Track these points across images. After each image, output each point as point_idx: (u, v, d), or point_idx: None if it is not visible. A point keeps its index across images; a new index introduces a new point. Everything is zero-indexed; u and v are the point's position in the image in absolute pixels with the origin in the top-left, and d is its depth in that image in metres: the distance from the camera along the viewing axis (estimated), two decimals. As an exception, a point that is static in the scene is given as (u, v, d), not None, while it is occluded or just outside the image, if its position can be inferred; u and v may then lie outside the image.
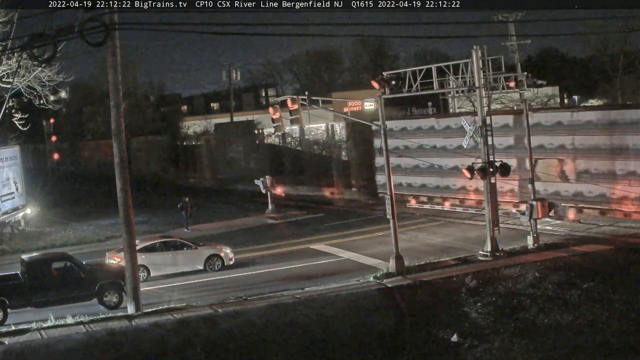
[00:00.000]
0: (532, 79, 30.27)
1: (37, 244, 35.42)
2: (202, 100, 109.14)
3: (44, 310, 22.44)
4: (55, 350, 19.41)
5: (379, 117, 26.59)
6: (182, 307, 22.62)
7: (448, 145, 36.19)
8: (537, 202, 27.71)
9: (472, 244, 29.20)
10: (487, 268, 25.27)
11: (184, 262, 28.18)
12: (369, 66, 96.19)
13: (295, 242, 33.32)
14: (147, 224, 39.97)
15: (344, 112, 47.23)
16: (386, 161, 26.47)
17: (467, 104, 56.52)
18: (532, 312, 21.68)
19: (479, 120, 27.12)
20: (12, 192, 39.74)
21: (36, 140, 79.57)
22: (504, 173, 27.01)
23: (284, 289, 24.63)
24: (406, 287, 23.97)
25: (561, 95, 73.13)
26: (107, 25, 19.97)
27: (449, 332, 20.88)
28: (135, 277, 22.46)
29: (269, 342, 20.31)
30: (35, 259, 24.69)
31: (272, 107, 28.82)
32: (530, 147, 29.42)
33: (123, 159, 22.27)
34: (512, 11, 65.45)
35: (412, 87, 28.77)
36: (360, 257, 29.07)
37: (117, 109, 22.23)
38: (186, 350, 19.72)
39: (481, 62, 27.41)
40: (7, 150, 40.52)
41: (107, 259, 27.73)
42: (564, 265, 24.90)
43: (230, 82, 77.20)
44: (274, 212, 41.34)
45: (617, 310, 21.39)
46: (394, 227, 25.88)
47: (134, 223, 22.64)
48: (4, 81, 33.28)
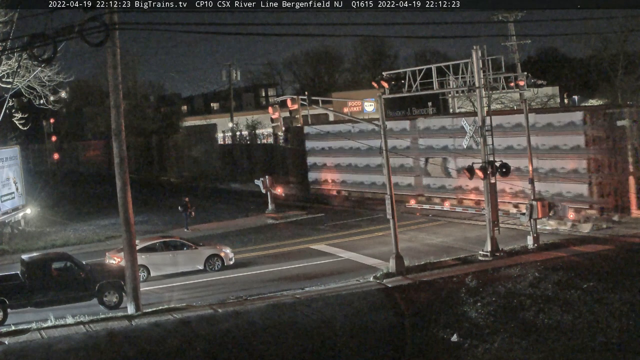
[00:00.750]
0: (532, 79, 30.29)
1: (37, 244, 35.41)
2: (202, 100, 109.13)
3: (44, 310, 22.44)
4: (55, 350, 19.41)
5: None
6: (182, 307, 22.63)
7: (362, 147, 39.98)
8: (537, 202, 27.72)
9: (472, 244, 29.21)
10: (487, 268, 25.28)
11: (184, 262, 28.18)
12: (369, 66, 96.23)
13: (295, 242, 33.33)
14: (147, 224, 39.99)
15: (344, 112, 47.26)
16: (386, 161, 26.45)
17: (467, 103, 56.54)
18: (532, 312, 21.68)
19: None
20: (12, 192, 39.74)
21: (36, 140, 79.50)
22: (503, 173, 27.06)
23: (284, 289, 24.63)
24: (406, 287, 23.97)
25: (561, 95, 73.11)
26: (107, 25, 19.96)
27: (449, 332, 20.89)
28: (135, 277, 22.46)
29: (269, 342, 20.31)
30: (35, 259, 24.67)
31: (271, 107, 28.81)
32: (530, 147, 29.43)
33: (123, 159, 22.27)
34: (512, 11, 65.53)
35: (412, 87, 28.78)
36: (360, 257, 29.07)
37: (117, 109, 22.23)
38: (186, 350, 19.73)
39: (481, 62, 27.40)
40: (7, 150, 40.51)
41: (107, 259, 27.72)
42: (564, 265, 24.90)
43: (230, 82, 77.19)
44: (274, 212, 41.37)
45: (617, 310, 21.40)
46: (393, 227, 25.88)
47: (133, 223, 22.64)
48: (4, 81, 33.28)
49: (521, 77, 32.21)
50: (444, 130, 38.51)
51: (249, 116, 75.74)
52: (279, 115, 27.94)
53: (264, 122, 62.00)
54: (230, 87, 78.21)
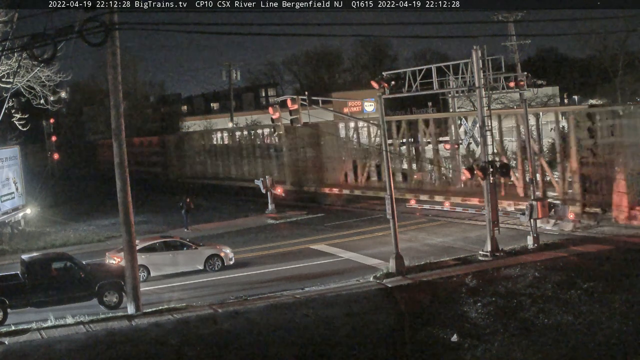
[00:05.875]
0: (532, 79, 30.26)
1: (37, 244, 35.41)
2: (202, 100, 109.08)
3: (44, 310, 22.42)
4: (55, 350, 19.41)
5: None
6: (182, 307, 22.61)
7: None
8: (537, 202, 27.72)
9: (472, 244, 29.22)
10: (487, 268, 25.28)
11: (184, 262, 28.17)
12: (369, 66, 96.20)
13: (295, 242, 33.33)
14: (147, 224, 39.99)
15: (344, 112, 47.27)
16: (386, 161, 26.46)
17: (467, 103, 56.56)
18: (532, 312, 21.68)
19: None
20: (12, 192, 39.74)
21: (36, 140, 79.52)
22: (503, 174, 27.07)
23: (284, 289, 24.62)
24: (406, 287, 23.97)
25: (561, 95, 73.13)
26: (107, 25, 19.97)
27: (449, 332, 20.89)
28: (135, 277, 22.45)
29: (269, 342, 20.31)
30: (35, 259, 24.67)
31: (271, 107, 28.80)
32: (530, 147, 29.44)
33: (123, 160, 22.24)
34: (512, 11, 65.48)
35: (412, 87, 28.76)
36: (360, 257, 29.07)
37: (117, 109, 22.22)
38: (186, 350, 19.72)
39: (481, 62, 27.39)
40: (7, 150, 40.51)
41: (107, 259, 27.72)
42: (564, 265, 24.90)
43: (230, 82, 77.16)
44: (274, 212, 41.36)
45: (617, 310, 21.40)
46: (393, 227, 25.87)
47: (133, 223, 22.63)
48: (4, 81, 33.25)
49: (521, 77, 32.19)
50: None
51: (249, 116, 75.74)
52: (280, 115, 27.94)
53: (264, 122, 61.98)
54: (230, 87, 78.18)
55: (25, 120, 37.72)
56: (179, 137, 67.22)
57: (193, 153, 61.91)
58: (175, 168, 64.95)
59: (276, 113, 27.98)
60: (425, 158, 39.46)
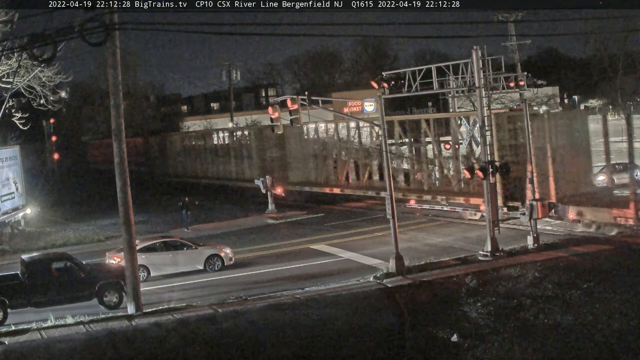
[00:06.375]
0: (532, 79, 30.30)
1: (37, 244, 35.42)
2: (202, 100, 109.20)
3: (44, 310, 22.43)
4: (55, 350, 19.40)
5: (380, 117, 26.55)
6: (182, 307, 22.62)
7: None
8: (538, 202, 27.72)
9: (472, 244, 29.22)
10: (487, 268, 25.27)
11: (184, 262, 28.17)
12: (369, 66, 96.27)
13: (295, 242, 33.33)
14: (147, 224, 40.00)
15: (344, 112, 47.29)
16: (386, 161, 26.45)
17: (467, 103, 56.55)
18: (532, 312, 21.67)
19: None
20: (12, 192, 39.74)
21: (36, 140, 79.50)
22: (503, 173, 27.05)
23: (284, 289, 24.63)
24: (406, 287, 23.97)
25: (561, 95, 73.20)
26: (107, 25, 19.96)
27: (449, 332, 20.88)
28: (135, 277, 22.45)
29: (269, 342, 20.30)
30: (35, 259, 24.67)
31: (271, 107, 28.80)
32: (530, 147, 29.41)
33: (123, 159, 22.23)
34: (512, 11, 65.53)
35: (412, 87, 28.78)
36: (360, 257, 29.07)
37: (117, 109, 22.21)
38: (186, 350, 19.71)
39: (481, 62, 27.40)
40: (7, 150, 40.51)
41: (107, 259, 27.72)
42: (564, 265, 24.90)
43: (230, 82, 77.20)
44: (274, 212, 41.37)
45: (617, 310, 21.39)
46: (394, 227, 25.87)
47: (133, 223, 22.63)
48: (4, 81, 33.29)
49: (521, 77, 32.24)
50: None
51: (249, 116, 75.77)
52: (279, 115, 27.94)
53: (264, 122, 61.99)
54: (230, 87, 78.21)
55: (25, 120, 37.76)
56: (162, 137, 67.56)
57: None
58: (161, 167, 65.49)
59: (275, 113, 27.98)
60: (426, 158, 39.42)
